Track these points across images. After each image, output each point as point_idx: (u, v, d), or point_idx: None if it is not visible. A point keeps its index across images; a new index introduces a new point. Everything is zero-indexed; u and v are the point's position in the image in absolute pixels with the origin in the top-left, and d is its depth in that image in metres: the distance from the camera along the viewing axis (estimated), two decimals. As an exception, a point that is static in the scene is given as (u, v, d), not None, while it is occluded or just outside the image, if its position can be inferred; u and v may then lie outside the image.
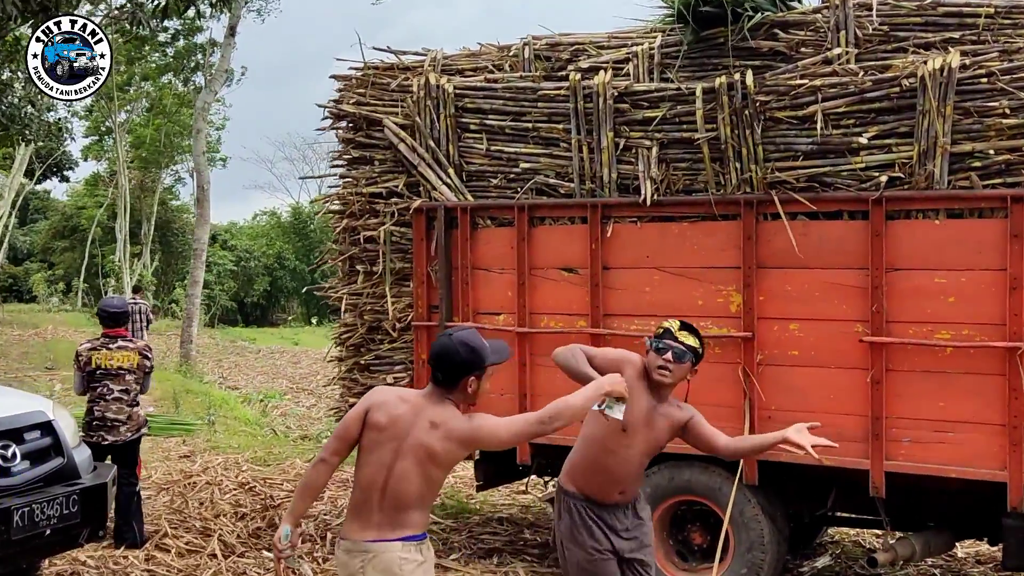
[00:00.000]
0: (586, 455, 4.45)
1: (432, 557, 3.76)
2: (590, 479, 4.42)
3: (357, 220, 7.06)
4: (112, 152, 42.53)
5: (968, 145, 5.49)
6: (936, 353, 5.58)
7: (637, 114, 6.20)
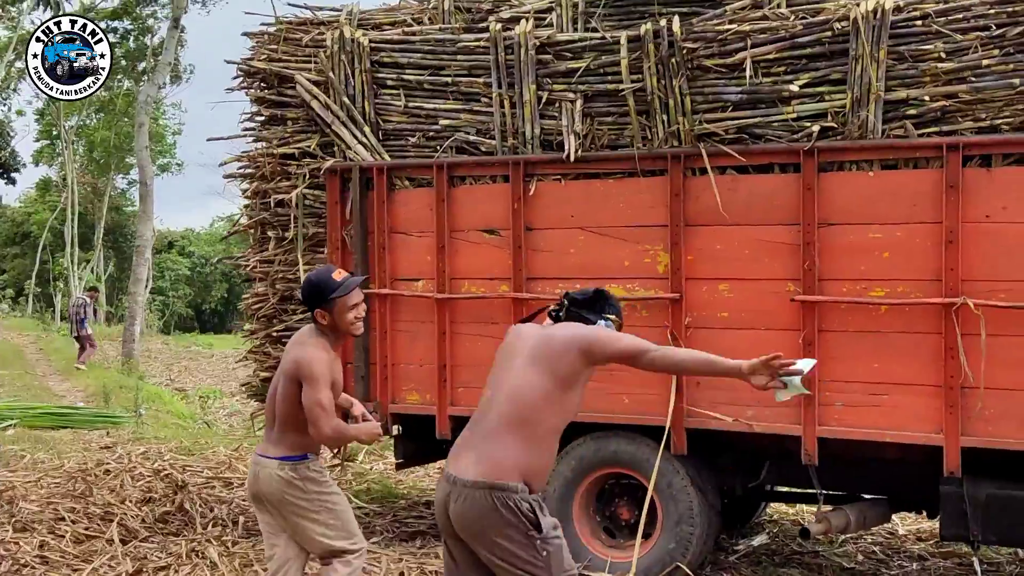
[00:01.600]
0: (552, 450, 3.67)
1: (316, 479, 4.26)
2: (542, 480, 3.69)
3: (268, 183, 6.66)
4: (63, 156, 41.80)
5: (903, 92, 5.21)
6: (870, 311, 5.29)
7: (560, 65, 5.87)
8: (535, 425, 3.51)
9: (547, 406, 3.52)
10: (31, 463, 9.26)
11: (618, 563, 5.73)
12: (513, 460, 3.47)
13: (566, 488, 5.95)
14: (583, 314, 3.72)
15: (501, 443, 3.50)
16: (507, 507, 3.40)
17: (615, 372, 5.74)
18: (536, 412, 3.51)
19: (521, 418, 3.51)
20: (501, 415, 3.54)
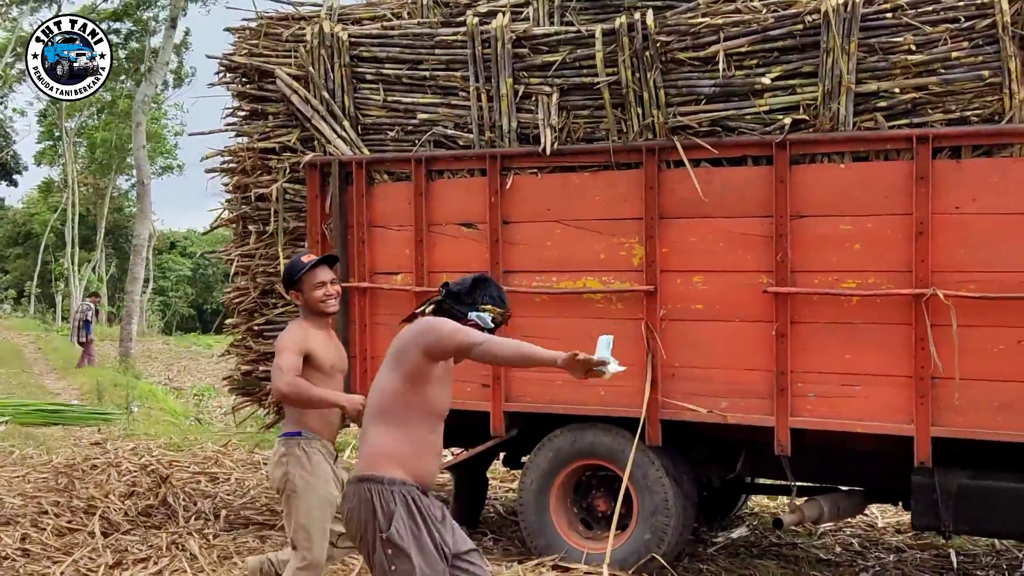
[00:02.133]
0: (419, 437, 3.54)
1: (300, 460, 4.37)
2: (425, 464, 3.55)
3: (249, 177, 6.70)
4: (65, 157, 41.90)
5: (873, 84, 5.24)
6: (842, 303, 5.32)
7: (536, 59, 5.91)
8: (393, 414, 3.50)
9: (402, 400, 3.49)
10: (19, 459, 9.31)
11: (594, 554, 5.76)
12: (379, 448, 3.48)
13: (543, 480, 5.98)
14: (454, 307, 3.63)
15: (368, 435, 3.55)
16: (370, 498, 3.40)
17: (591, 364, 5.79)
18: (393, 405, 3.51)
19: (381, 409, 3.53)
20: (368, 413, 3.60)
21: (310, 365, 4.38)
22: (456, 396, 5.84)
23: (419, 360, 3.47)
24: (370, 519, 3.39)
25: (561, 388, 5.91)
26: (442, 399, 3.61)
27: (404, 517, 3.39)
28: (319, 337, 4.47)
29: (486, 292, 3.68)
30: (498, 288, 3.77)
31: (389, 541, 3.36)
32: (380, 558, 3.38)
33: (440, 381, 3.57)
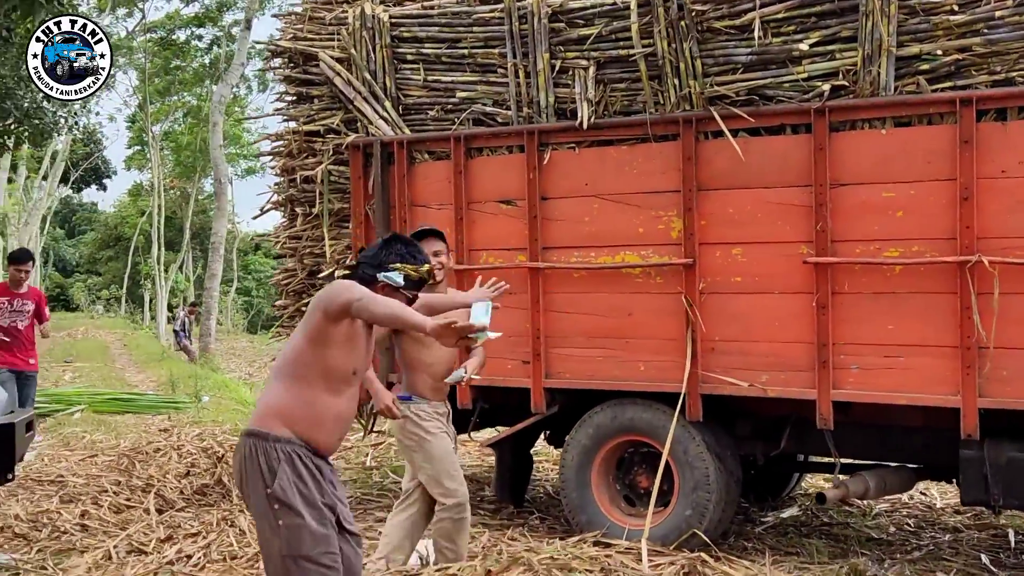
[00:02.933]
0: (316, 401, 3.46)
1: (414, 420, 4.88)
2: (318, 427, 3.48)
3: (295, 160, 6.79)
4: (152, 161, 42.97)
5: (915, 47, 5.10)
6: (884, 272, 5.19)
7: (573, 33, 5.87)
8: (290, 373, 3.48)
9: (301, 359, 3.46)
10: (89, 443, 9.58)
11: (636, 531, 5.68)
12: (270, 405, 3.46)
13: (584, 456, 5.95)
14: (365, 271, 3.60)
15: (265, 391, 3.57)
16: (254, 454, 3.39)
17: (630, 340, 5.76)
18: (292, 364, 3.48)
19: (281, 368, 3.51)
20: (271, 370, 3.61)
21: (407, 334, 4.77)
22: (496, 373, 5.93)
23: (319, 321, 3.42)
24: (255, 474, 3.38)
25: (601, 364, 5.87)
26: (345, 361, 3.48)
27: (289, 473, 3.36)
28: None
29: (392, 251, 3.61)
30: (408, 244, 3.71)
31: (274, 496, 3.34)
32: (266, 512, 3.36)
33: (346, 343, 3.46)
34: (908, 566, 5.53)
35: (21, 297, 8.44)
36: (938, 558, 5.71)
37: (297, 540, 3.35)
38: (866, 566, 5.40)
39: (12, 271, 8.48)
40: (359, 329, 3.50)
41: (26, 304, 8.43)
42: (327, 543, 3.38)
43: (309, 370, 3.44)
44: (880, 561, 5.66)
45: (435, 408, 4.93)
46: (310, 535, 3.35)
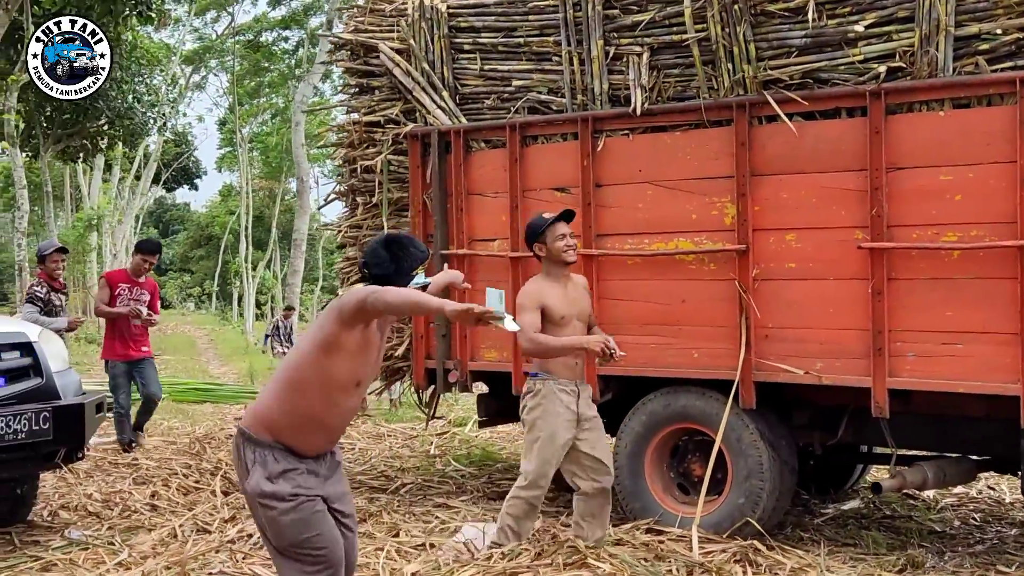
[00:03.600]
0: (303, 411, 3.44)
1: (533, 394, 5.07)
2: (302, 436, 3.46)
3: (356, 150, 6.90)
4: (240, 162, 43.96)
5: (974, 26, 4.98)
6: (942, 258, 5.08)
7: (626, 19, 5.87)
8: (288, 380, 3.47)
9: (304, 367, 3.45)
10: (166, 429, 9.88)
11: (688, 518, 5.67)
12: (262, 410, 3.47)
13: (637, 444, 5.95)
14: (393, 282, 3.49)
15: (263, 391, 3.61)
16: (239, 451, 3.47)
17: (683, 327, 5.74)
18: (293, 370, 3.47)
19: (283, 372, 3.52)
20: (275, 370, 3.65)
21: (545, 318, 4.91)
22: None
23: (335, 327, 3.39)
24: (240, 469, 3.46)
25: (654, 351, 5.86)
26: (352, 371, 3.46)
27: (260, 472, 3.38)
28: (555, 289, 4.97)
29: (408, 255, 3.56)
30: (410, 240, 3.64)
31: (251, 492, 3.40)
32: (254, 504, 3.43)
33: (358, 353, 3.44)
34: (969, 559, 5.41)
35: (140, 286, 8.61)
36: (1001, 552, 5.57)
37: (279, 530, 3.40)
38: (924, 558, 5.29)
39: (139, 260, 8.58)
40: (373, 337, 3.48)
41: (143, 294, 8.59)
42: (309, 526, 3.40)
43: (309, 380, 3.41)
44: (940, 554, 5.54)
45: (561, 386, 4.99)
46: (290, 523, 3.37)
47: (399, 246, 3.56)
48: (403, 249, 3.56)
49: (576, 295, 5.07)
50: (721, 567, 4.92)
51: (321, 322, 3.47)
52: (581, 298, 5.10)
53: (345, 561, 3.54)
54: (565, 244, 4.96)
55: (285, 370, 3.51)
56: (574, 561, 4.83)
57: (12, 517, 6.18)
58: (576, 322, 5.00)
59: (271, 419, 3.43)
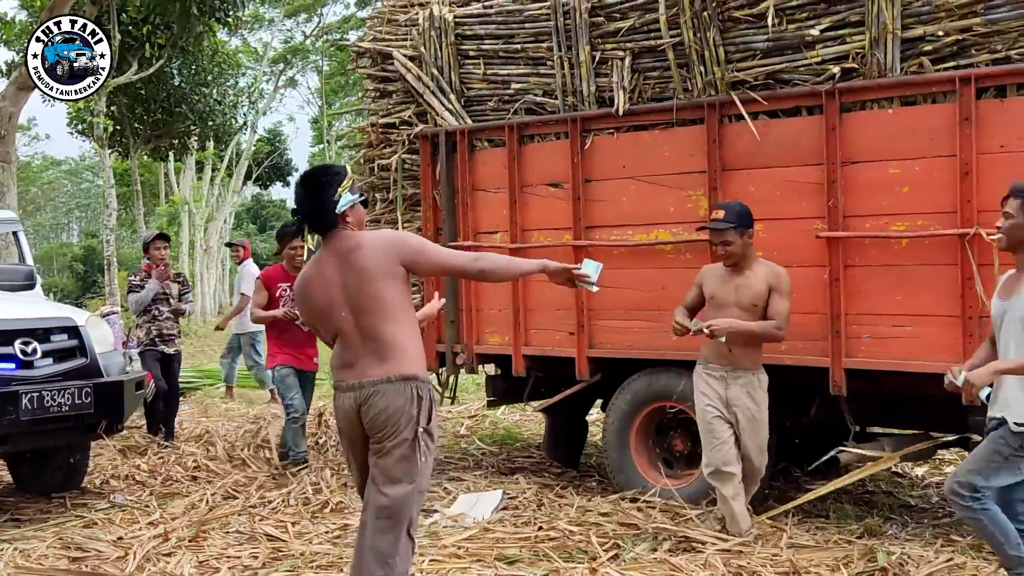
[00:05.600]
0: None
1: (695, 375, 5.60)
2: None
3: (374, 150, 7.48)
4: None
5: (919, 29, 5.32)
6: (892, 246, 5.43)
7: (610, 26, 6.31)
8: (404, 319, 3.86)
9: (407, 304, 3.91)
10: (223, 411, 10.63)
11: (667, 489, 6.12)
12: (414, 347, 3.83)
13: (623, 420, 6.40)
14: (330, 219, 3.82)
15: (398, 337, 3.85)
16: (414, 396, 3.74)
17: (664, 312, 6.17)
18: (403, 310, 3.87)
19: (394, 315, 3.85)
20: (378, 318, 3.84)
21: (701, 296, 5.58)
22: (546, 344, 6.46)
23: (404, 273, 3.81)
24: (416, 412, 3.69)
25: (638, 335, 6.30)
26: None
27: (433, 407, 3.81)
28: (719, 274, 5.50)
29: (327, 188, 3.81)
30: (323, 169, 3.92)
31: (428, 432, 3.74)
32: (418, 447, 3.69)
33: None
34: (931, 530, 5.73)
35: None
36: (961, 523, 5.87)
37: (428, 474, 3.84)
38: (879, 527, 5.64)
39: (286, 251, 7.30)
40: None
41: None
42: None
43: (412, 313, 3.84)
44: (904, 525, 5.87)
45: (709, 370, 5.44)
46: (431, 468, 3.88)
47: (313, 182, 3.81)
48: (317, 183, 3.79)
49: (740, 283, 5.41)
50: (688, 532, 5.37)
51: (396, 268, 3.77)
52: (743, 287, 5.40)
53: None
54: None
55: (394, 315, 3.75)
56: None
57: (67, 484, 6.93)
58: (730, 308, 5.40)
59: (420, 354, 3.80)
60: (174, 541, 5.51)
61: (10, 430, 5.80)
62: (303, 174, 3.89)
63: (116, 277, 20.87)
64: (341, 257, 3.79)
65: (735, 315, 5.37)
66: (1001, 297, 4.25)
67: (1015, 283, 4.20)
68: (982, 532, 4.25)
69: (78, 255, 49.71)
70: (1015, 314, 4.12)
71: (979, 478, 4.15)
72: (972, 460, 4.25)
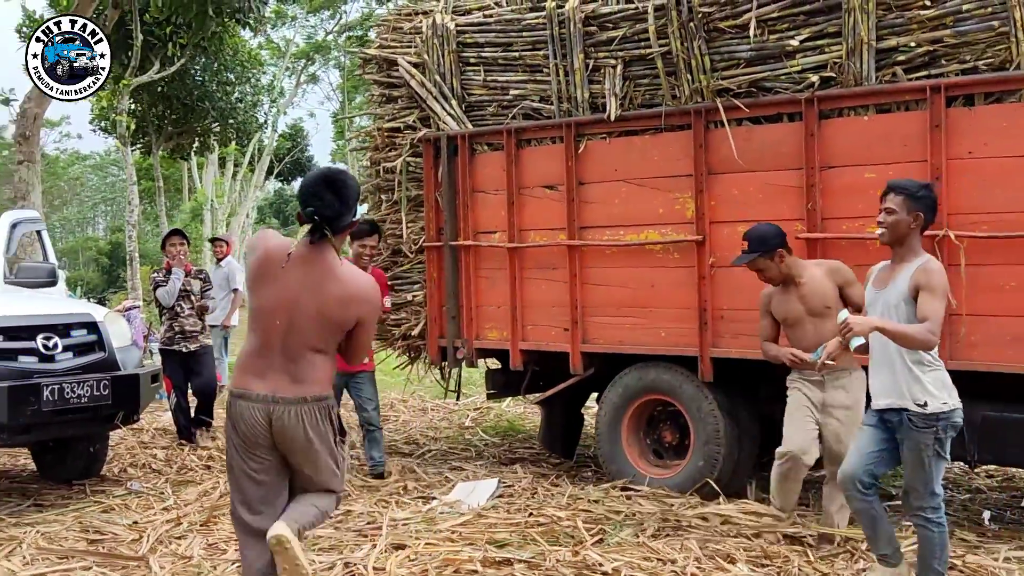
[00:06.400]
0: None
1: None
2: None
3: (380, 153, 7.79)
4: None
5: (893, 40, 5.56)
6: (867, 247, 5.67)
7: (603, 35, 6.58)
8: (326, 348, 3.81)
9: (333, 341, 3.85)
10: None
11: (656, 479, 6.41)
12: (324, 375, 3.79)
13: (615, 413, 6.68)
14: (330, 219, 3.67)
15: (306, 364, 3.79)
16: (328, 413, 3.78)
17: (653, 309, 6.45)
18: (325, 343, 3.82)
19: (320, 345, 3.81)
20: (303, 343, 3.81)
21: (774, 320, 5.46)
22: (541, 339, 6.76)
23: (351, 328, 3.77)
24: (330, 429, 3.75)
25: (628, 331, 6.59)
26: None
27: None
28: (777, 295, 5.39)
29: (352, 192, 3.71)
30: (344, 174, 3.72)
31: (343, 441, 3.85)
32: (340, 455, 3.82)
33: None
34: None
35: None
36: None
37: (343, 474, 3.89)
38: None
39: (356, 247, 6.99)
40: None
41: None
42: None
43: (333, 348, 3.78)
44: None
45: (804, 376, 5.31)
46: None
47: (341, 183, 3.64)
48: (345, 186, 3.65)
49: (798, 297, 5.31)
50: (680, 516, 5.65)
51: (344, 319, 3.71)
52: (806, 298, 5.29)
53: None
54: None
55: (318, 343, 3.73)
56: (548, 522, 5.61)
57: (87, 472, 7.28)
58: (802, 322, 5.29)
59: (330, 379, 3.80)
60: (186, 525, 5.84)
61: (33, 420, 6.14)
62: (327, 173, 3.68)
63: (138, 272, 21.34)
64: (318, 270, 3.66)
65: (810, 327, 5.27)
66: (875, 287, 4.44)
67: (889, 274, 4.39)
68: (940, 544, 4.32)
69: (103, 249, 50.44)
70: (889, 301, 4.31)
71: (937, 486, 4.31)
72: (914, 478, 4.32)
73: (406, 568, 4.87)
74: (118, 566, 5.14)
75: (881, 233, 4.42)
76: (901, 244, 4.39)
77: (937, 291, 4.21)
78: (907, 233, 4.36)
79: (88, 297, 21.78)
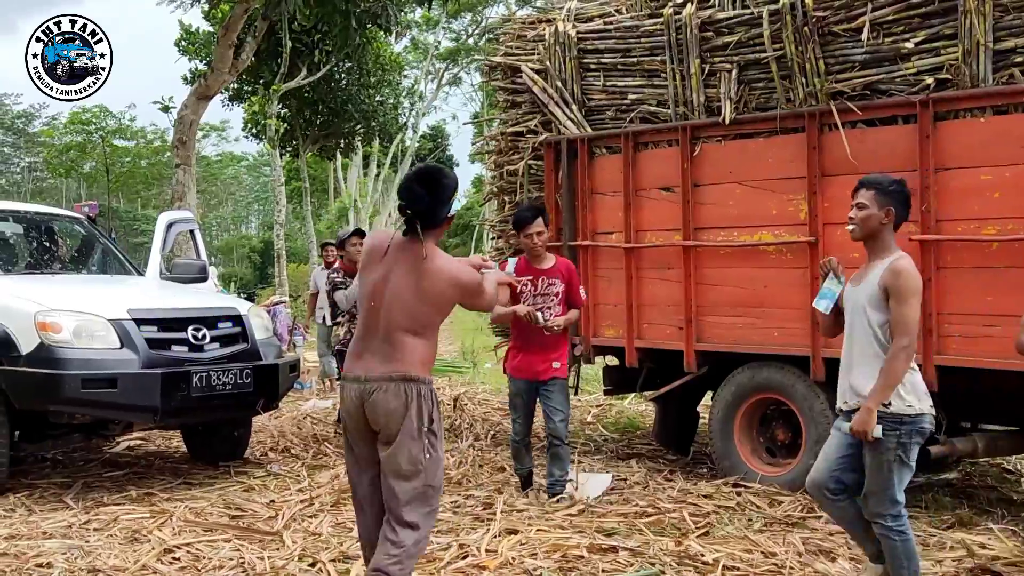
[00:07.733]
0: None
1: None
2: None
3: (503, 157, 8.09)
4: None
5: (1010, 41, 5.54)
6: (983, 249, 5.66)
7: (719, 40, 6.72)
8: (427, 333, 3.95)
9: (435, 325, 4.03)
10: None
11: (767, 476, 6.52)
12: (421, 354, 3.90)
13: (727, 411, 6.81)
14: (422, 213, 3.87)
15: (403, 344, 3.92)
16: (414, 395, 3.81)
17: (766, 310, 6.57)
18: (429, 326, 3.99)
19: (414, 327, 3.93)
20: (396, 325, 3.94)
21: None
22: (656, 337, 6.95)
23: (452, 308, 4.00)
24: (417, 412, 3.78)
25: (742, 330, 6.70)
26: None
27: (438, 412, 3.92)
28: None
29: (444, 189, 3.89)
30: (439, 171, 3.95)
31: (432, 432, 3.83)
32: (422, 444, 3.79)
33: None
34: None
35: (547, 274, 6.33)
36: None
37: (436, 471, 3.89)
38: (970, 518, 5.88)
39: (521, 238, 6.35)
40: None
41: (553, 284, 6.31)
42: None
43: (434, 332, 3.95)
44: (1002, 518, 6.08)
45: None
46: (442, 467, 3.99)
47: (432, 180, 3.85)
48: (436, 182, 3.85)
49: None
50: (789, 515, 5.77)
51: (442, 295, 3.87)
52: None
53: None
54: None
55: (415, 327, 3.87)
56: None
57: (232, 454, 7.82)
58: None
59: (429, 360, 3.91)
60: (317, 505, 6.26)
61: (183, 405, 6.68)
62: (421, 169, 3.91)
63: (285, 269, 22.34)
64: (409, 257, 3.86)
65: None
66: (853, 284, 4.40)
67: (864, 272, 4.36)
68: (906, 554, 4.21)
69: (256, 247, 52.59)
70: (858, 301, 4.29)
71: (898, 494, 4.18)
72: (873, 481, 4.20)
73: (516, 551, 5.14)
74: (255, 539, 5.57)
75: (852, 229, 4.38)
76: (873, 240, 4.35)
77: (904, 295, 4.14)
78: (878, 229, 4.32)
79: (240, 292, 22.92)
